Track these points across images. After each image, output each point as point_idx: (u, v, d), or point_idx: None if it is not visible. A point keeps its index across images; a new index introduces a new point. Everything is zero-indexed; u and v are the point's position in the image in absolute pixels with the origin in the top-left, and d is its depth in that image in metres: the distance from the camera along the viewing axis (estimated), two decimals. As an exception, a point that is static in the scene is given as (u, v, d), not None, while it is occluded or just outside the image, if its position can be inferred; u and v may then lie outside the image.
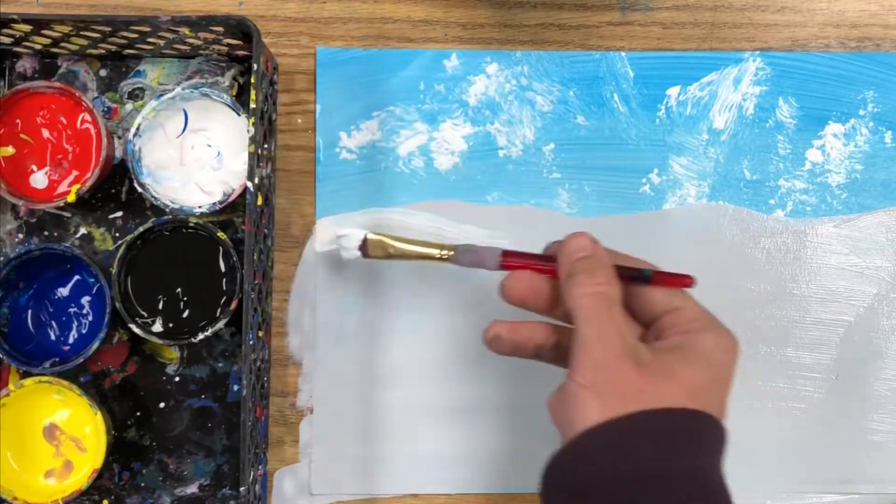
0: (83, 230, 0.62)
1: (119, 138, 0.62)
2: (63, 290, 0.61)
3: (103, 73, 0.63)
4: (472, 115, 0.63)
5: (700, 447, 0.46)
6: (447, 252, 0.56)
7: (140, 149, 0.60)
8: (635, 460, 0.45)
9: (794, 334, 0.63)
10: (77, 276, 0.60)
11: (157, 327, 0.60)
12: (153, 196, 0.59)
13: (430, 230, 0.62)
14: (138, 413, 0.62)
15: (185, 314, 0.60)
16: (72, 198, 0.58)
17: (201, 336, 0.59)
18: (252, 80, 0.55)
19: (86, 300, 0.60)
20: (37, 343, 0.60)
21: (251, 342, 0.55)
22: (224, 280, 0.60)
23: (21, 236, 0.62)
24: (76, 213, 0.62)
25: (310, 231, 0.63)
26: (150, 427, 0.62)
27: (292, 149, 0.63)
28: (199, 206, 0.59)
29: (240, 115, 0.60)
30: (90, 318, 0.60)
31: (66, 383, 0.58)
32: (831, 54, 0.64)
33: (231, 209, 0.62)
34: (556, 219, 0.63)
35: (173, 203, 0.60)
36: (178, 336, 0.59)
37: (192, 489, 0.62)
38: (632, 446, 0.45)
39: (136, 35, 0.58)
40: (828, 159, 0.63)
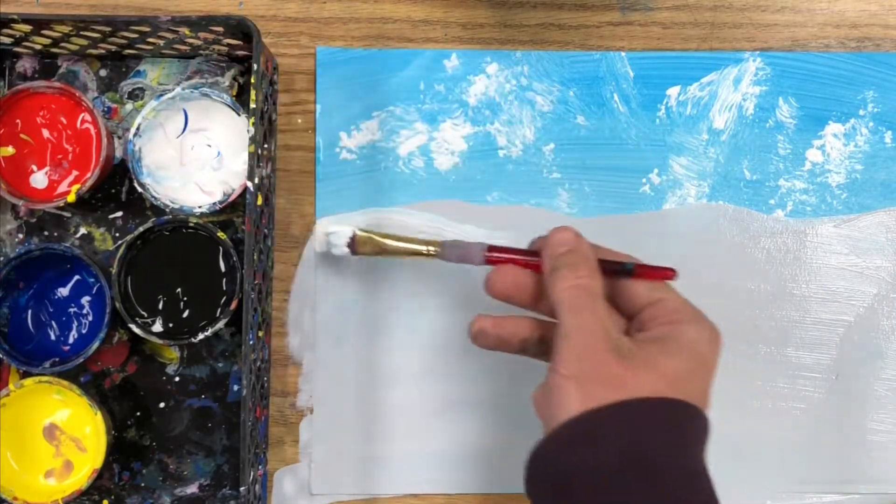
0: (83, 230, 0.62)
1: (119, 138, 0.62)
2: (63, 290, 0.61)
3: (103, 73, 0.63)
4: (472, 115, 0.63)
5: (682, 436, 0.46)
6: (434, 248, 0.56)
7: (140, 149, 0.60)
8: (617, 449, 0.45)
9: (794, 334, 0.63)
10: (77, 276, 0.60)
11: (157, 327, 0.60)
12: (153, 196, 0.59)
13: (430, 230, 0.62)
14: (138, 413, 0.62)
15: (185, 314, 0.60)
16: (72, 198, 0.58)
17: (201, 336, 0.59)
18: (252, 80, 0.55)
19: (86, 300, 0.60)
20: (37, 343, 0.60)
21: (251, 342, 0.55)
22: (224, 280, 0.60)
23: (21, 236, 0.62)
24: (76, 213, 0.62)
25: (310, 231, 0.63)
26: (150, 427, 0.62)
27: (292, 149, 0.63)
28: (199, 206, 0.59)
29: (240, 115, 0.60)
30: (90, 318, 0.60)
31: (66, 383, 0.58)
32: (831, 54, 0.64)
33: (231, 209, 0.62)
34: (556, 219, 0.63)
35: (173, 203, 0.60)
36: (178, 336, 0.59)
37: (192, 489, 0.62)
38: (613, 435, 0.45)
39: (136, 35, 0.58)
40: (828, 159, 0.63)
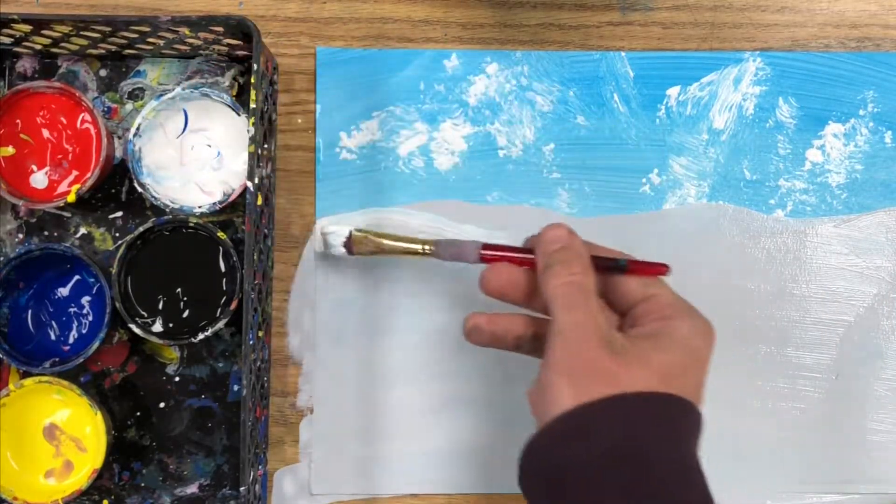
0: (83, 230, 0.62)
1: (119, 138, 0.62)
2: (63, 290, 0.61)
3: (103, 73, 0.63)
4: (472, 115, 0.63)
5: (675, 430, 0.46)
6: (429, 247, 0.56)
7: (140, 149, 0.60)
8: (610, 443, 0.45)
9: (794, 334, 0.63)
10: (77, 276, 0.60)
11: (157, 327, 0.60)
12: (153, 196, 0.59)
13: (431, 230, 0.62)
14: (138, 413, 0.62)
15: (185, 314, 0.60)
16: (72, 198, 0.58)
17: (201, 336, 0.59)
18: (252, 80, 0.55)
19: (86, 300, 0.60)
20: (37, 343, 0.60)
21: (251, 342, 0.55)
22: (224, 280, 0.60)
23: (21, 236, 0.62)
24: (76, 213, 0.62)
25: (310, 231, 0.63)
26: (150, 427, 0.62)
27: (292, 149, 0.63)
28: (199, 206, 0.59)
29: (240, 115, 0.60)
30: (90, 318, 0.60)
31: (66, 383, 0.58)
32: (831, 54, 0.64)
33: (231, 209, 0.62)
34: (556, 219, 0.62)
35: (173, 203, 0.60)
36: (178, 336, 0.59)
37: (192, 489, 0.62)
38: (606, 429, 0.45)
39: (136, 35, 0.58)
40: (828, 159, 0.63)
